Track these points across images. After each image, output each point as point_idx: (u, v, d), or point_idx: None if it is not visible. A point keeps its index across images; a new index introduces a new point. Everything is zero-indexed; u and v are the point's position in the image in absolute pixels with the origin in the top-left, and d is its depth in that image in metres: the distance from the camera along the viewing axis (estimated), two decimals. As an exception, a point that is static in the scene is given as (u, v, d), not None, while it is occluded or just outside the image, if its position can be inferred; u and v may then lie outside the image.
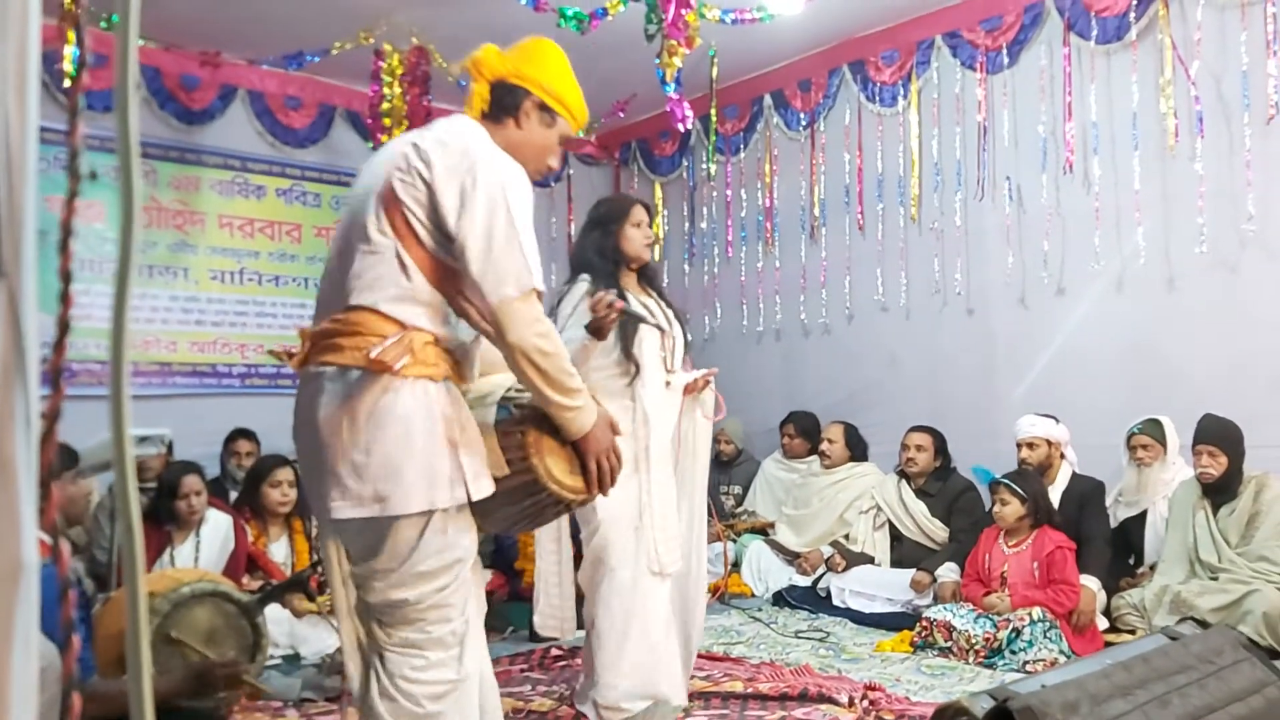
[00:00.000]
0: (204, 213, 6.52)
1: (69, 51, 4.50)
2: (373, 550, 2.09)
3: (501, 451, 2.17)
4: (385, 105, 5.95)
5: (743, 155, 7.38)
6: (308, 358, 2.18)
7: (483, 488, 2.11)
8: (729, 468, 6.78)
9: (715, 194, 7.60)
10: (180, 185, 6.42)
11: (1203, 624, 2.29)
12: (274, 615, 4.04)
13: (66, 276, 0.57)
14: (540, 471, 2.13)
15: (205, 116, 6.47)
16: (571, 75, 2.45)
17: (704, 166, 7.43)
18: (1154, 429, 4.85)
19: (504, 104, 2.33)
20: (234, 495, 5.26)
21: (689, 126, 5.52)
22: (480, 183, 2.09)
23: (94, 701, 2.41)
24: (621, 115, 7.46)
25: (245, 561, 4.56)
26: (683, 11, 4.74)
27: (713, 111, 6.49)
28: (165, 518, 4.39)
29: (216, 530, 4.49)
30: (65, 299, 0.56)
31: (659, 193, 8.09)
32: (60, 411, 0.55)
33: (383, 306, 2.10)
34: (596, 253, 3.54)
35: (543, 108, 2.37)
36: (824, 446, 6.13)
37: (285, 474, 4.73)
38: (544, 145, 2.41)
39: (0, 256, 0.53)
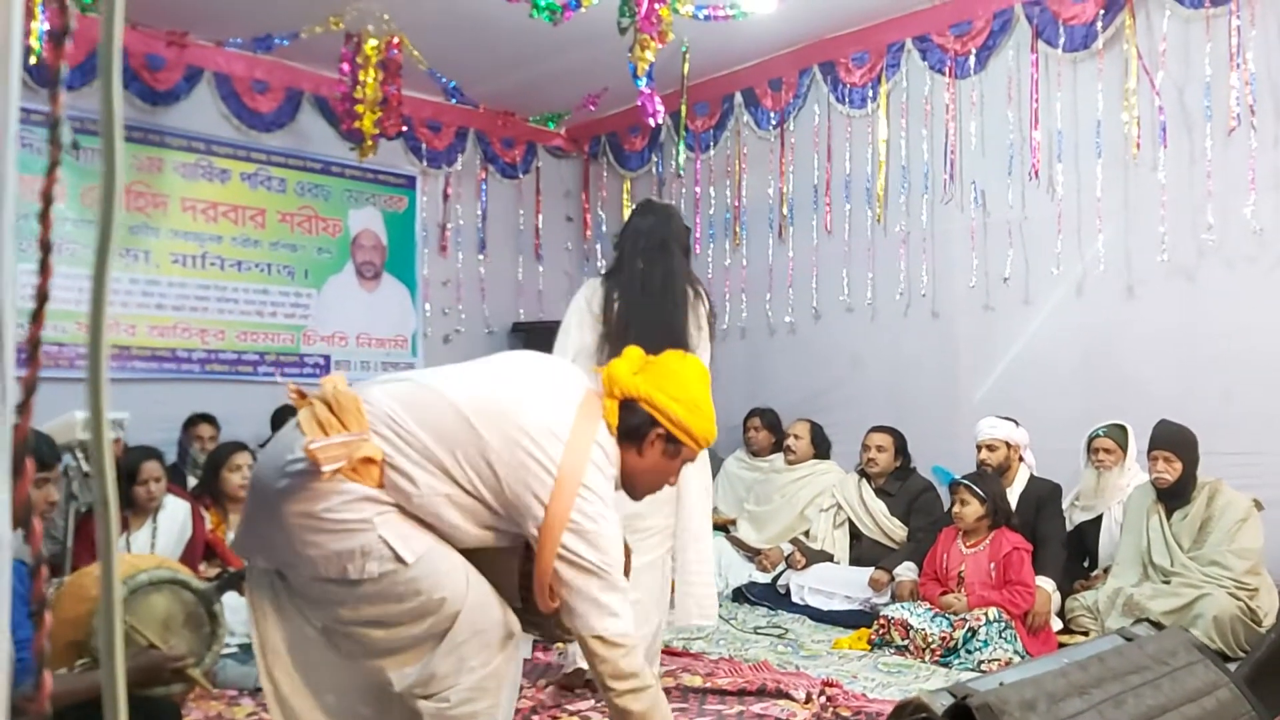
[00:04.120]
0: (166, 195, 6.44)
1: (34, 27, 4.42)
2: None
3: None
4: (358, 92, 5.89)
5: (712, 152, 7.39)
6: None
7: None
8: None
9: (684, 190, 7.60)
10: (143, 167, 6.33)
11: (1157, 625, 2.33)
12: (231, 603, 3.99)
13: (46, 246, 0.57)
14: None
15: (170, 97, 6.38)
16: (706, 397, 2.38)
17: (673, 162, 7.43)
18: (1117, 433, 4.92)
19: (630, 430, 2.29)
20: (193, 480, 5.21)
21: (660, 122, 5.53)
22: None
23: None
24: (592, 109, 7.45)
25: (203, 549, 4.51)
26: (656, 6, 4.74)
27: (683, 108, 6.50)
28: (122, 504, 4.33)
29: (174, 517, 4.43)
30: (44, 269, 0.56)
31: (627, 188, 8.08)
32: (36, 385, 0.54)
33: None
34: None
35: (669, 439, 2.32)
36: (790, 442, 6.17)
37: (244, 458, 4.68)
38: (663, 472, 2.39)
39: (-21, 231, 0.52)
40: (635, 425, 2.28)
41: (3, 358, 0.55)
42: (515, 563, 2.27)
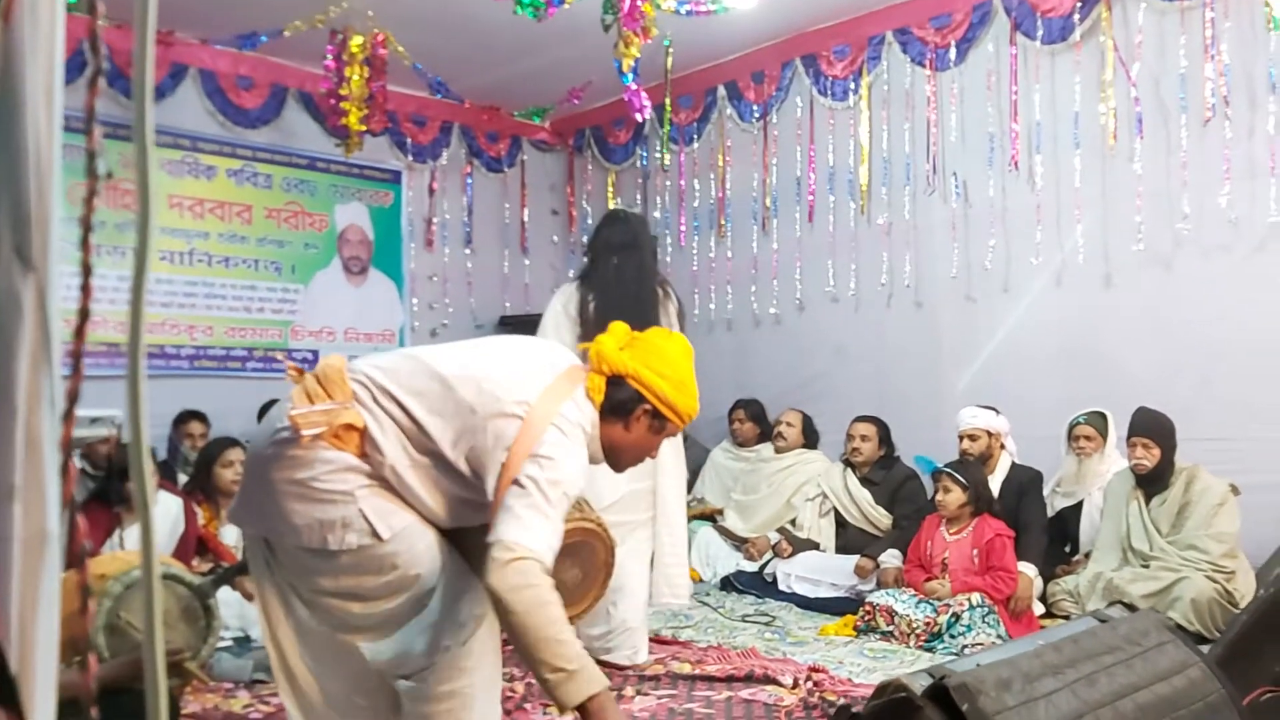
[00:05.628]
0: (153, 192, 6.44)
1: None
2: None
3: None
4: (344, 90, 5.90)
5: (696, 145, 7.44)
6: None
7: None
8: (676, 453, 6.84)
9: (668, 183, 7.66)
10: (129, 163, 6.26)
11: (1130, 607, 2.40)
12: (224, 598, 4.02)
13: (87, 269, 0.62)
14: None
15: (155, 94, 6.35)
16: (690, 374, 2.41)
17: (658, 155, 7.48)
18: (1097, 420, 5.00)
19: (616, 405, 2.31)
20: (184, 478, 5.24)
21: (647, 117, 5.57)
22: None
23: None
24: (576, 102, 7.49)
25: (195, 544, 4.55)
26: (638, 3, 4.77)
27: (667, 101, 6.54)
28: (115, 499, 4.36)
29: (166, 513, 4.46)
30: (86, 289, 0.61)
31: (612, 180, 8.13)
32: (79, 393, 0.60)
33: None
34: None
35: (654, 414, 2.35)
36: (781, 429, 6.24)
37: (236, 454, 4.72)
38: (646, 446, 2.41)
39: (30, 253, 0.57)
40: (622, 401, 2.32)
41: (51, 368, 0.60)
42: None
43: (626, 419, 2.33)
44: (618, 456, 2.41)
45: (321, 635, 2.28)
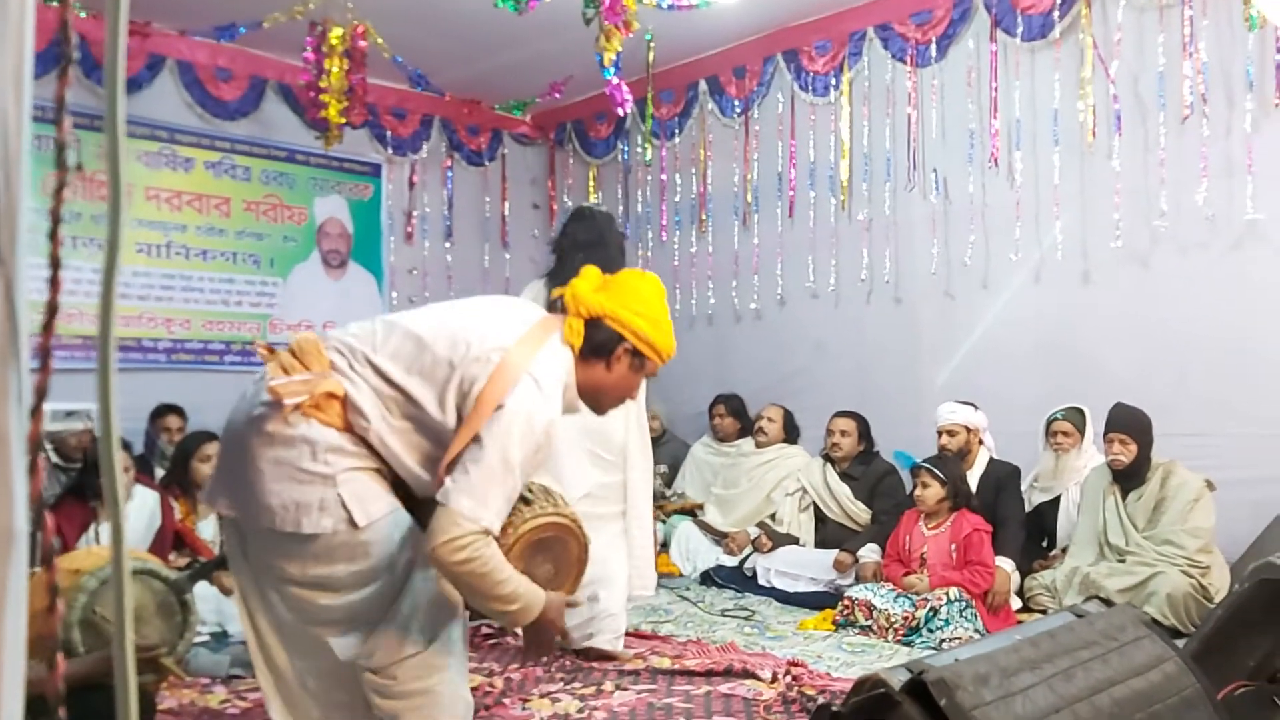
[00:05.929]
0: (130, 184, 6.39)
1: None
2: None
3: None
4: (324, 82, 5.86)
5: (678, 140, 7.43)
6: None
7: None
8: (654, 446, 6.83)
9: (650, 178, 7.64)
10: (105, 155, 6.26)
11: (1107, 602, 2.41)
12: (201, 593, 4.00)
13: (56, 263, 0.61)
14: None
15: (132, 86, 6.31)
16: (665, 312, 2.44)
17: (639, 150, 7.47)
18: (1075, 416, 5.03)
19: (597, 346, 2.34)
20: (161, 472, 5.21)
21: (628, 111, 5.56)
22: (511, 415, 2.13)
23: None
24: (557, 96, 7.46)
25: (172, 539, 4.52)
26: (620, -4, 4.76)
27: (649, 96, 6.53)
28: (90, 494, 4.33)
29: (143, 507, 4.43)
30: (55, 283, 0.60)
31: (593, 175, 8.12)
32: (47, 388, 0.59)
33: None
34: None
35: (634, 353, 2.37)
36: (762, 424, 6.25)
37: (213, 448, 4.68)
38: (628, 387, 2.43)
39: (-2, 245, 0.57)
40: (602, 342, 2.33)
41: (18, 362, 0.59)
42: None
43: (608, 359, 2.36)
44: (599, 398, 2.43)
45: (296, 627, 2.26)
